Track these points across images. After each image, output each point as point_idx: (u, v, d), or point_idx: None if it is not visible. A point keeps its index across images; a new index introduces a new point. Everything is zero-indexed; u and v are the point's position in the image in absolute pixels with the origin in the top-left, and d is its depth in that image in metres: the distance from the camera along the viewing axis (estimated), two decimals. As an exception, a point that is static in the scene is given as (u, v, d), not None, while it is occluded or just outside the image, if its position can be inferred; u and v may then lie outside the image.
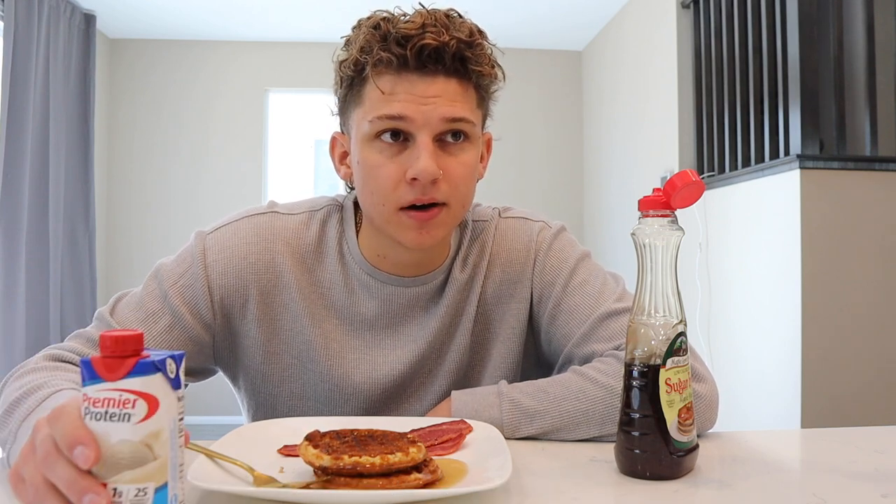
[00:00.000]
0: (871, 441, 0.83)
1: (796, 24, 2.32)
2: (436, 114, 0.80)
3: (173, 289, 0.87)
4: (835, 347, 2.15)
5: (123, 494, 0.48)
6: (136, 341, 0.49)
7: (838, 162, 2.21)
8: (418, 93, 0.80)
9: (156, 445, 0.48)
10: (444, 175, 0.82)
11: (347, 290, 0.92)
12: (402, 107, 0.80)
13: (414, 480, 0.60)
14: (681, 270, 0.72)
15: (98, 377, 0.48)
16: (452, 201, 0.84)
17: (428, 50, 0.79)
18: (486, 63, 0.84)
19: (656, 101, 3.39)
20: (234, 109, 4.42)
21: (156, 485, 0.48)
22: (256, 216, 0.93)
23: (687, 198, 0.67)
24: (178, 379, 0.51)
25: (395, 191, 0.82)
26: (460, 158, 0.84)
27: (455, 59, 0.80)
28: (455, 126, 0.82)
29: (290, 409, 0.93)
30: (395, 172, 0.82)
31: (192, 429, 0.55)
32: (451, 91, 0.81)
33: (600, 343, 0.88)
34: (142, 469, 0.48)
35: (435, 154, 0.81)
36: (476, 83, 0.84)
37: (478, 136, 0.87)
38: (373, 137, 0.83)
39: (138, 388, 0.48)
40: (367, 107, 0.83)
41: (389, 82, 0.81)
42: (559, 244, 0.97)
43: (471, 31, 0.82)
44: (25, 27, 3.25)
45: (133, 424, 0.48)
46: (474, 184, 0.88)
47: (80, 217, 3.74)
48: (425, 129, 0.81)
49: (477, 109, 0.86)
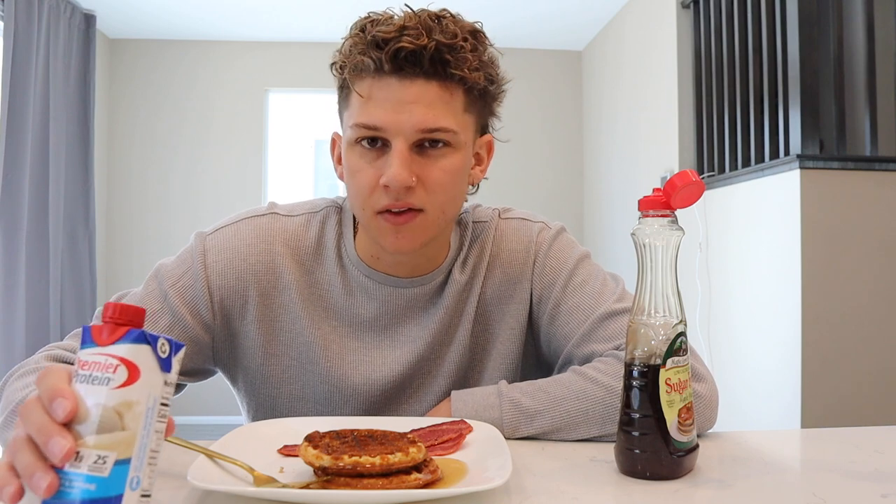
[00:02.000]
0: (871, 441, 0.83)
1: (796, 24, 2.32)
2: (410, 122, 0.79)
3: (173, 289, 0.88)
4: (835, 347, 2.16)
5: (83, 459, 0.46)
6: (136, 313, 0.49)
7: (838, 162, 2.21)
8: (394, 97, 0.79)
9: (127, 415, 0.47)
10: (420, 181, 0.81)
11: (346, 291, 0.92)
12: (378, 115, 0.79)
13: (414, 480, 0.60)
14: (681, 270, 0.72)
15: (92, 341, 0.48)
16: (429, 207, 0.83)
17: (404, 52, 0.77)
18: (470, 66, 0.80)
19: (656, 102, 3.39)
20: (234, 109, 4.41)
21: (117, 456, 0.47)
22: (256, 217, 0.93)
23: (687, 198, 0.67)
24: (168, 361, 0.50)
25: (371, 195, 0.82)
26: (439, 164, 0.82)
27: (434, 62, 0.79)
28: (431, 136, 0.81)
29: (289, 410, 0.93)
30: (372, 177, 0.82)
31: (192, 429, 0.55)
32: (431, 96, 0.80)
33: (600, 343, 0.88)
34: (108, 436, 0.47)
35: (409, 161, 0.80)
36: (465, 86, 0.82)
37: (463, 142, 0.84)
38: (354, 142, 0.83)
39: (122, 355, 0.47)
40: (351, 110, 0.83)
41: (367, 86, 0.81)
42: (559, 245, 0.97)
43: (455, 33, 0.79)
44: (25, 27, 3.25)
45: (109, 389, 0.47)
46: (458, 189, 0.86)
47: (80, 217, 3.74)
48: (400, 136, 0.80)
49: (464, 114, 0.83)
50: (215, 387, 1.15)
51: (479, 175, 0.92)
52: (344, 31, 0.87)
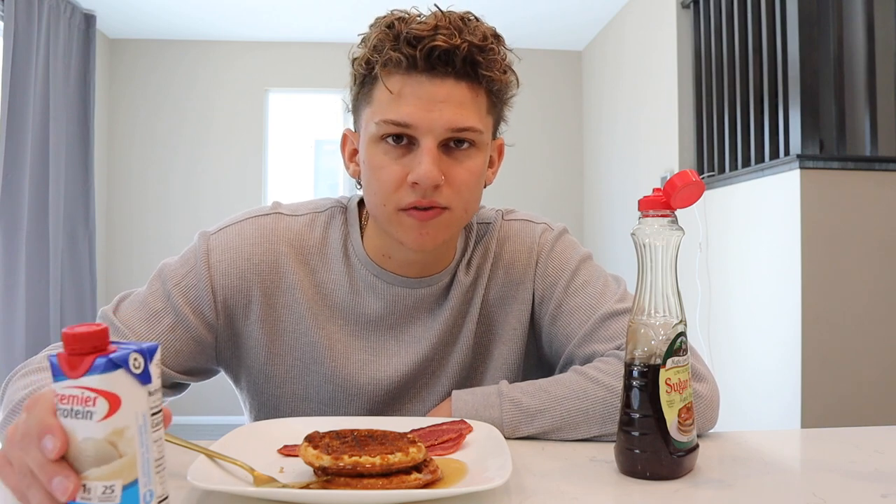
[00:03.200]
0: (871, 441, 0.83)
1: (796, 24, 2.32)
2: (441, 121, 0.80)
3: (177, 288, 0.88)
4: (835, 347, 2.15)
5: (92, 491, 0.47)
6: (96, 338, 0.47)
7: (838, 162, 2.21)
8: (426, 95, 0.79)
9: (121, 443, 0.47)
10: (446, 180, 0.82)
11: (352, 290, 0.92)
12: (409, 112, 0.79)
13: (414, 480, 0.60)
14: (681, 270, 0.72)
15: (63, 374, 0.47)
16: (455, 206, 0.83)
17: (438, 51, 0.78)
18: (498, 68, 0.82)
19: (656, 102, 3.39)
20: (234, 109, 4.41)
21: (123, 482, 0.47)
22: (260, 217, 0.93)
23: (687, 198, 0.67)
24: (146, 373, 0.49)
25: (396, 192, 0.82)
26: (465, 165, 0.83)
27: (466, 62, 0.79)
28: (460, 135, 0.82)
29: (292, 410, 0.93)
30: (398, 174, 0.82)
31: (193, 429, 0.55)
32: (460, 95, 0.81)
33: (601, 343, 0.89)
34: (108, 466, 0.47)
35: (438, 159, 0.80)
36: (488, 88, 0.83)
37: (485, 143, 0.86)
38: (378, 139, 0.82)
39: (97, 386, 0.47)
40: (376, 107, 0.82)
41: (398, 83, 0.80)
42: (561, 246, 0.97)
43: (484, 35, 0.81)
44: (25, 27, 3.25)
45: (95, 422, 0.47)
46: (479, 190, 0.88)
47: (80, 217, 3.74)
48: (430, 135, 0.80)
49: (487, 116, 0.85)
50: (216, 386, 1.15)
51: (490, 178, 0.93)
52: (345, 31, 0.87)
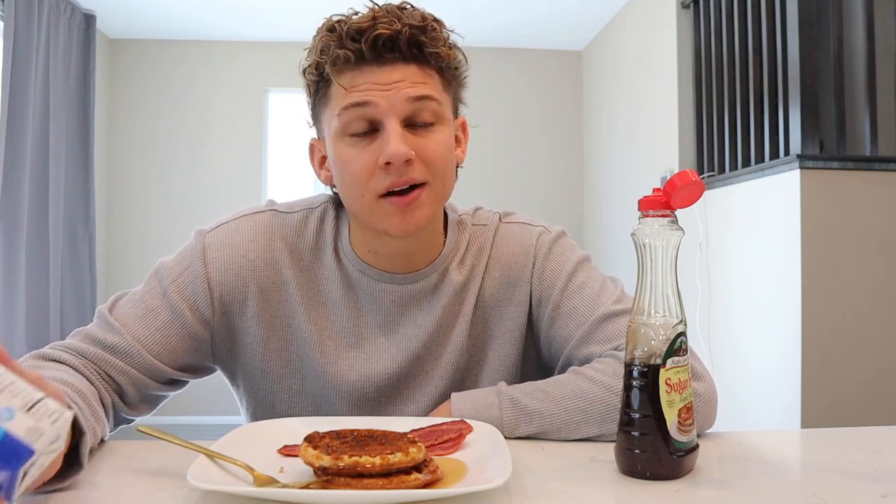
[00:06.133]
0: (871, 441, 0.83)
1: (796, 24, 2.32)
2: (399, 95, 0.82)
3: (173, 286, 0.88)
4: (835, 347, 2.16)
5: None
6: None
7: (838, 162, 2.21)
8: (379, 82, 0.82)
9: None
10: (417, 155, 0.83)
11: (343, 287, 0.92)
12: (367, 94, 0.81)
13: (414, 480, 0.60)
14: (681, 270, 0.72)
15: None
16: (432, 180, 0.85)
17: (382, 39, 0.80)
18: (443, 45, 0.85)
19: (656, 102, 3.39)
20: (234, 109, 4.42)
21: None
22: (256, 214, 0.94)
23: (687, 198, 0.67)
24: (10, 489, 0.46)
25: (370, 180, 0.83)
26: (432, 139, 0.85)
27: (410, 44, 0.82)
28: (421, 105, 0.83)
29: (288, 406, 0.93)
30: (369, 162, 0.83)
31: (193, 429, 0.55)
32: (413, 75, 0.83)
33: (599, 345, 0.88)
34: None
35: (405, 137, 0.82)
36: (437, 67, 0.85)
37: (448, 118, 0.88)
38: (343, 133, 0.84)
39: None
40: (334, 104, 0.84)
41: (350, 78, 0.82)
42: (558, 248, 0.97)
43: (423, 17, 0.84)
44: (25, 27, 3.25)
45: None
46: (452, 164, 0.89)
47: (80, 217, 3.74)
48: (391, 113, 0.82)
49: (444, 93, 0.87)
50: (215, 386, 1.15)
51: (461, 156, 0.94)
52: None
